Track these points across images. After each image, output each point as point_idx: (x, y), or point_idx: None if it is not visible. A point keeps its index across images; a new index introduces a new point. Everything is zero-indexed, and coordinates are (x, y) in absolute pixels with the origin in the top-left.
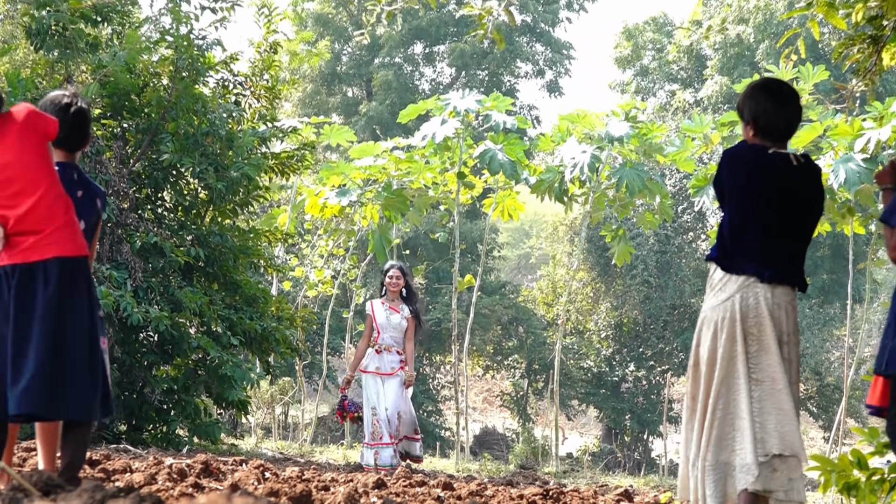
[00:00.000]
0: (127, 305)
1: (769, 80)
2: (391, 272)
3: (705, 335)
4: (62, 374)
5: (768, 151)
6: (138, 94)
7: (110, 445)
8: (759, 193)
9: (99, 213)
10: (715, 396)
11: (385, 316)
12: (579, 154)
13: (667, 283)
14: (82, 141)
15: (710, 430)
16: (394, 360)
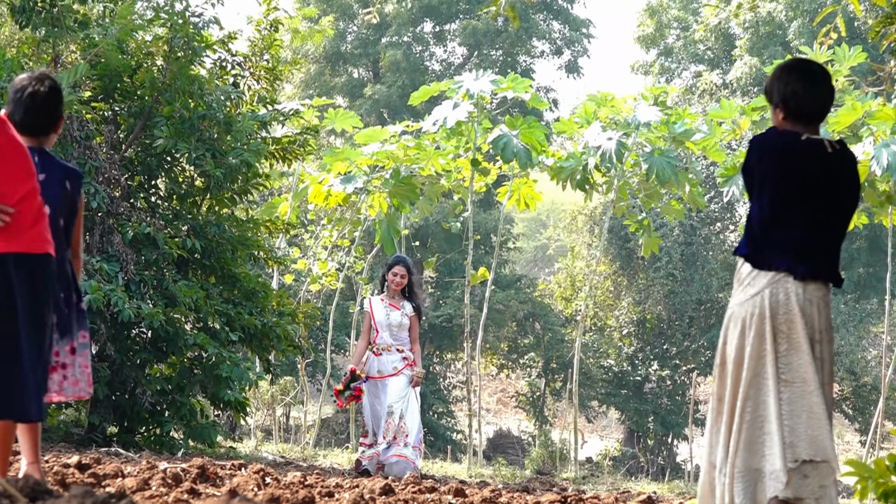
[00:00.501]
0: (118, 300)
1: (799, 59)
2: (396, 269)
3: (732, 333)
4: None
5: (801, 137)
6: (130, 75)
7: (101, 449)
8: (790, 183)
9: (71, 195)
10: (743, 398)
11: (384, 314)
12: (605, 140)
13: (693, 276)
14: (43, 125)
15: (738, 433)
16: (395, 359)
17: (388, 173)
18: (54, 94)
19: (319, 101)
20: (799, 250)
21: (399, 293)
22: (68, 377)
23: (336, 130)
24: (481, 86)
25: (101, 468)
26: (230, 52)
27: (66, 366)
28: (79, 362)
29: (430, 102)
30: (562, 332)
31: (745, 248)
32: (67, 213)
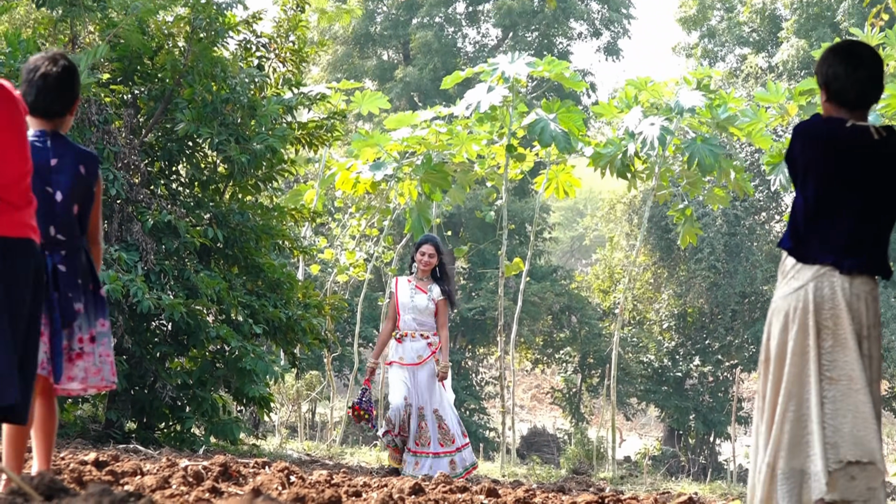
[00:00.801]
0: (137, 291)
1: (847, 42)
2: (424, 247)
3: (775, 327)
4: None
5: (845, 125)
6: (151, 56)
7: (119, 445)
8: (835, 173)
9: (86, 180)
10: (785, 396)
11: (409, 295)
12: (647, 126)
13: (736, 268)
14: (56, 107)
15: (779, 433)
16: (419, 346)
17: (419, 160)
18: (68, 75)
19: (347, 84)
20: (845, 243)
21: (428, 275)
22: (88, 367)
23: (364, 114)
24: (517, 68)
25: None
26: (254, 34)
27: (84, 355)
28: (99, 351)
29: (463, 86)
30: (599, 326)
31: (788, 241)
32: (82, 198)
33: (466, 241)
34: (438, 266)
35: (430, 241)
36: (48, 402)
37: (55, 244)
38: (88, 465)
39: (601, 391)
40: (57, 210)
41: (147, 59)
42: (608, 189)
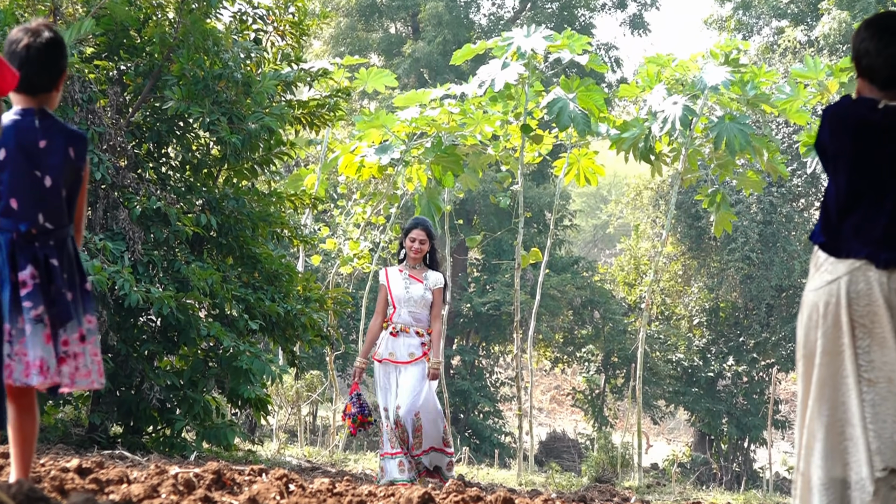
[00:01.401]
0: (124, 283)
1: (881, 14)
2: (414, 232)
3: (804, 323)
4: None
5: (877, 105)
6: (138, 29)
7: (104, 451)
8: (868, 159)
9: (75, 164)
10: (816, 399)
11: (403, 286)
12: (669, 105)
13: (772, 259)
14: (41, 81)
15: (811, 439)
16: (413, 343)
17: (428, 142)
18: (54, 46)
19: (351, 59)
20: (881, 235)
21: (420, 262)
22: (80, 368)
23: (369, 92)
24: (533, 43)
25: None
26: (251, 4)
27: (78, 355)
28: (89, 350)
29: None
30: (624, 322)
31: (820, 235)
32: (71, 183)
33: (480, 230)
34: (429, 252)
35: (421, 224)
36: (27, 403)
37: (44, 233)
38: (71, 473)
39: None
40: (46, 196)
41: (134, 31)
42: (634, 174)
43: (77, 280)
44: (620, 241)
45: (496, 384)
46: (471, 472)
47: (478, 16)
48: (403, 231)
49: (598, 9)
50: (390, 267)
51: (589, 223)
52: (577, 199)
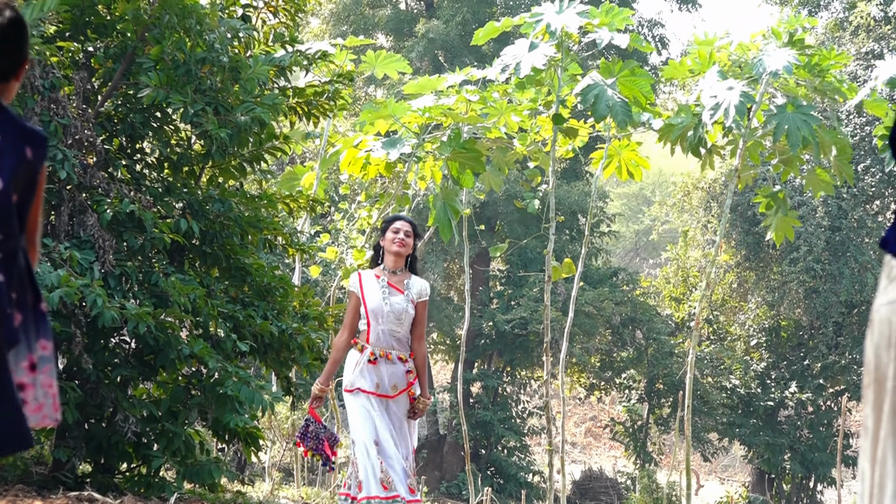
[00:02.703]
0: (95, 298)
1: None
2: (397, 224)
3: (874, 342)
4: None
5: None
6: (108, 5)
7: (70, 493)
8: None
9: (31, 165)
10: (890, 430)
11: (381, 297)
12: (724, 90)
13: (841, 271)
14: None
15: (884, 477)
16: (397, 373)
17: (444, 135)
18: (14, 28)
19: (355, 40)
20: None
21: (402, 266)
22: (28, 402)
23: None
24: (566, 20)
25: None
26: None
27: (26, 387)
28: (41, 381)
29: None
30: (670, 343)
31: (895, 245)
32: (24, 187)
33: (504, 238)
34: (411, 255)
35: (404, 218)
36: None
37: None
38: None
39: (673, 425)
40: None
41: (103, 7)
42: (681, 171)
43: (29, 299)
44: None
45: (523, 415)
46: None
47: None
48: (382, 226)
49: None
50: (364, 271)
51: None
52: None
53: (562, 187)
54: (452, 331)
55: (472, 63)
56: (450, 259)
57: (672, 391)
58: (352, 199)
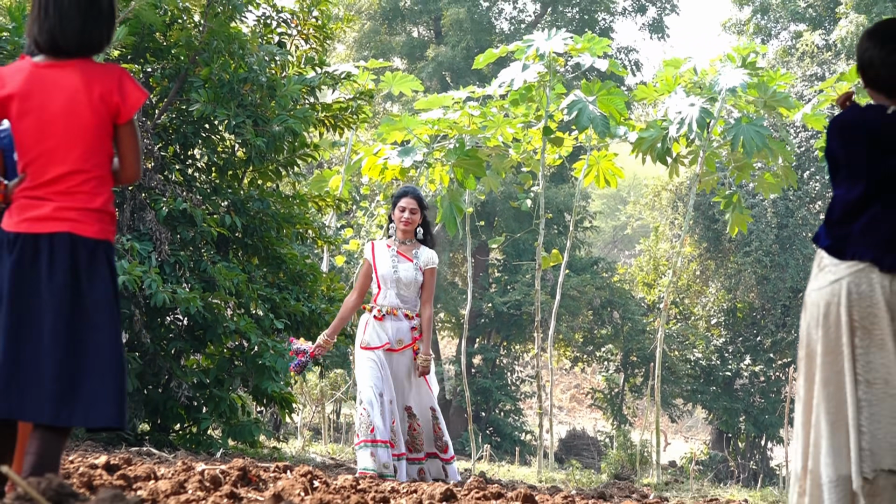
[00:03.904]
0: (151, 283)
1: (885, 22)
2: (404, 201)
3: (806, 322)
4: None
5: (886, 111)
6: (164, 32)
7: (131, 448)
8: (878, 164)
9: None
10: (823, 398)
11: (391, 264)
12: (686, 107)
13: (788, 261)
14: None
15: (818, 438)
16: (402, 328)
17: (451, 144)
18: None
19: (375, 63)
20: (887, 240)
21: (411, 237)
22: None
23: (393, 95)
24: (553, 45)
25: (132, 469)
26: (275, 8)
27: None
28: None
29: (498, 65)
30: (643, 322)
31: (826, 239)
32: None
33: (501, 232)
34: (422, 225)
35: (411, 193)
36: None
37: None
38: (99, 469)
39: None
40: None
41: (160, 34)
42: (653, 175)
43: None
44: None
45: (517, 383)
46: (492, 470)
47: (499, 20)
48: (392, 200)
49: (618, 13)
50: (378, 241)
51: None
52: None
53: (550, 189)
54: (457, 311)
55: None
56: (454, 250)
57: (644, 363)
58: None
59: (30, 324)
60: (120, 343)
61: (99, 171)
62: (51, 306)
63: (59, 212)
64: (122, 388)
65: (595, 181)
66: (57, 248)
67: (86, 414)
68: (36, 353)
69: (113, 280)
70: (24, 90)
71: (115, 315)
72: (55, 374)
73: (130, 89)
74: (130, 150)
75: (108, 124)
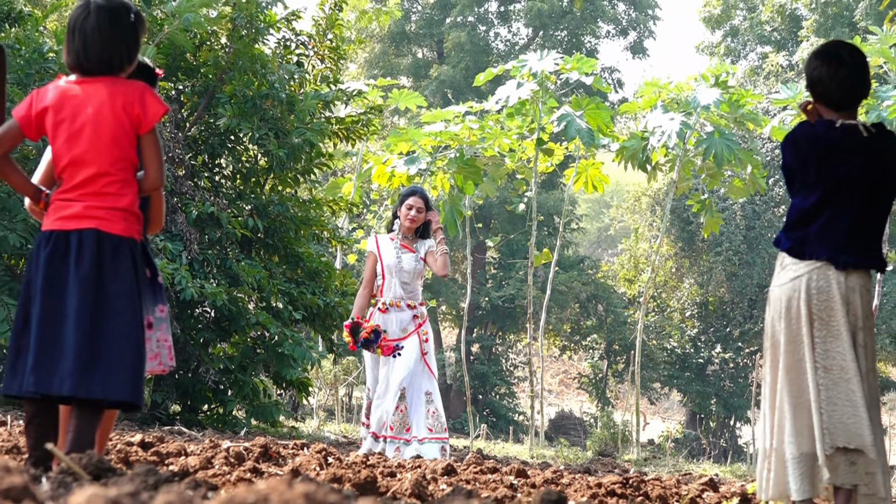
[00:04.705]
0: (182, 279)
1: (828, 44)
2: (411, 200)
3: (770, 315)
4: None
5: (835, 125)
6: (194, 53)
7: (164, 427)
8: (830, 172)
9: None
10: (786, 383)
11: (395, 256)
12: (666, 121)
13: (754, 259)
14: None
15: (782, 419)
16: (404, 318)
17: (452, 154)
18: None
19: (384, 81)
20: (841, 240)
21: (413, 233)
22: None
23: (400, 110)
24: (545, 65)
25: (165, 446)
26: (294, 32)
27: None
28: (157, 336)
29: (495, 83)
30: (624, 314)
31: (786, 242)
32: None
33: (497, 233)
34: (424, 225)
35: (419, 192)
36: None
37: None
38: (135, 446)
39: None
40: None
41: (190, 55)
42: (634, 182)
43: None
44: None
45: (511, 368)
46: (488, 447)
47: (496, 43)
48: (399, 199)
49: (603, 36)
50: (381, 235)
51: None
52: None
53: (541, 194)
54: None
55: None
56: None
57: (625, 351)
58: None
59: (59, 310)
60: (138, 329)
61: (123, 174)
62: (76, 294)
63: (87, 210)
64: (138, 369)
65: (584, 187)
66: (84, 242)
67: (104, 388)
68: (62, 335)
69: (135, 273)
70: (56, 103)
71: (134, 303)
72: (77, 352)
73: (151, 102)
74: (153, 158)
75: (130, 133)
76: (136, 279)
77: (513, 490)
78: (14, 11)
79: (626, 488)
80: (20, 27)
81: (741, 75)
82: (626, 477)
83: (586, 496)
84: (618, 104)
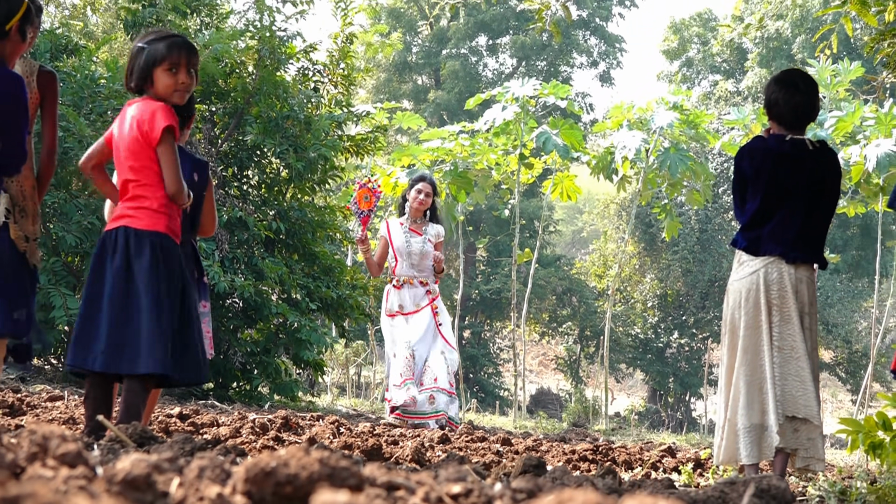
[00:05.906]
0: (214, 275)
1: (786, 71)
2: (421, 185)
3: (730, 304)
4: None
5: (785, 139)
6: (225, 80)
7: (199, 401)
8: (780, 179)
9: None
10: (740, 362)
11: (404, 240)
12: (630, 139)
13: (706, 258)
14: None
15: (737, 394)
16: (418, 294)
17: (447, 167)
18: (192, 98)
19: (388, 104)
20: (791, 238)
21: (421, 216)
22: None
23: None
24: (526, 90)
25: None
26: (311, 61)
27: None
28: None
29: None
30: (595, 305)
31: (742, 242)
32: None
33: (485, 235)
34: (430, 208)
35: (428, 178)
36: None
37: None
38: (174, 418)
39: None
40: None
41: (222, 81)
42: (604, 191)
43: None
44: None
45: (497, 351)
46: (478, 419)
47: (485, 71)
48: (409, 184)
49: (577, 66)
50: (392, 219)
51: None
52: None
53: (524, 202)
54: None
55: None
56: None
57: (595, 336)
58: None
59: (98, 298)
60: (160, 309)
61: (147, 180)
62: (110, 283)
63: (122, 210)
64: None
65: (560, 196)
66: (118, 239)
67: (131, 364)
68: (98, 319)
69: (155, 262)
70: (118, 123)
71: (157, 288)
72: (108, 333)
73: (158, 119)
74: (167, 168)
75: (146, 146)
76: (157, 267)
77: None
78: (71, 44)
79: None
80: (76, 57)
81: (695, 100)
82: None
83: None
84: (589, 125)
